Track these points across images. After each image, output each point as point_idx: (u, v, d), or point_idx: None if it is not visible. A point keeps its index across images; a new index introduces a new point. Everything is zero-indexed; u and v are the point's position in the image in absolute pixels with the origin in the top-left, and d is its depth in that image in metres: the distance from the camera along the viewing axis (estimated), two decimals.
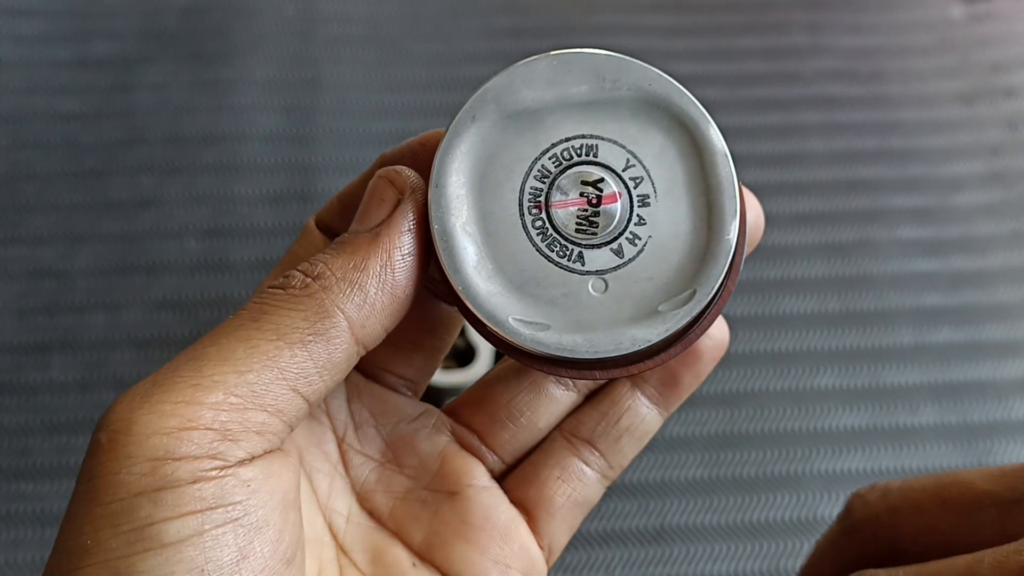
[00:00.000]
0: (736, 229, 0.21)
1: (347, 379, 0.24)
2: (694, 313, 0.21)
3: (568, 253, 0.21)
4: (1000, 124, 0.57)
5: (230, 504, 0.18)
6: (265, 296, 0.19)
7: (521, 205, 0.21)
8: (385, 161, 0.24)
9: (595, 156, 0.21)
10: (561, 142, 0.21)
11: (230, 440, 0.18)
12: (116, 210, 0.52)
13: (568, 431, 0.24)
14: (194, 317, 0.49)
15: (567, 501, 0.24)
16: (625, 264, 0.21)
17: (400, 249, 0.20)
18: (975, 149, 0.56)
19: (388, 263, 0.20)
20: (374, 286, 0.20)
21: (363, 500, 0.23)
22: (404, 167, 0.21)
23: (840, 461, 0.46)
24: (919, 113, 0.57)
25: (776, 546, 0.44)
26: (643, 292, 0.21)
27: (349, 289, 0.19)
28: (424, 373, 0.25)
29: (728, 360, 0.49)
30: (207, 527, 0.17)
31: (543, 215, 0.21)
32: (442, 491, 0.23)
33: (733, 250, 0.21)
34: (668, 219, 0.21)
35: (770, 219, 0.31)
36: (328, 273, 0.19)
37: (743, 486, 0.45)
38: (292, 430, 0.20)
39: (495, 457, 0.24)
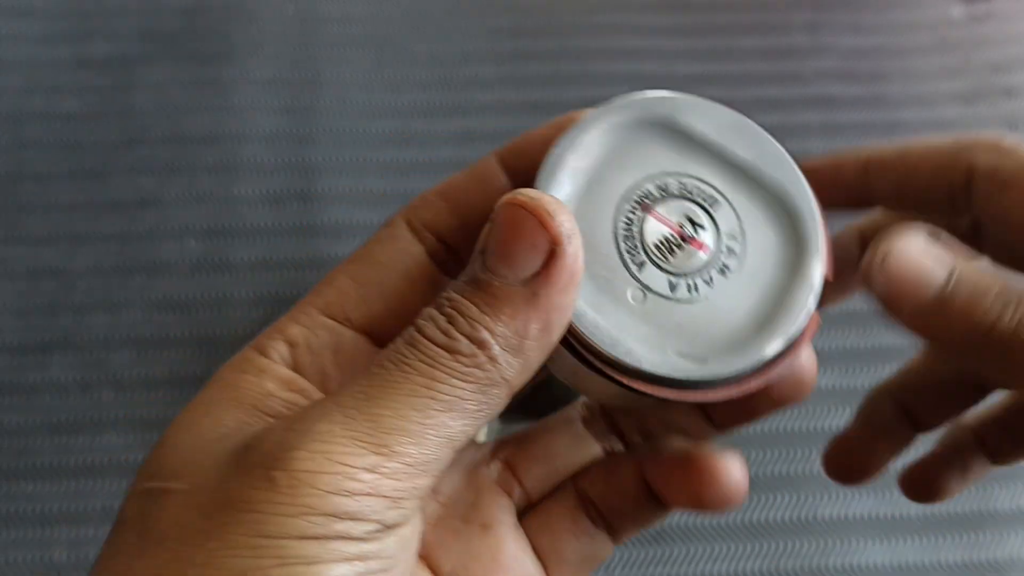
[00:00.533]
0: (784, 353, 0.21)
1: None
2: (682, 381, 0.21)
3: (634, 256, 0.21)
4: (1000, 124, 0.57)
5: (386, 557, 0.18)
6: (431, 355, 0.19)
7: (630, 193, 0.22)
8: (512, 155, 0.23)
9: (712, 208, 0.22)
10: (695, 178, 0.22)
11: (398, 507, 0.18)
12: (116, 210, 0.52)
13: (582, 488, 0.25)
14: (194, 317, 0.49)
15: (576, 556, 0.24)
16: (670, 300, 0.21)
17: (558, 310, 0.19)
18: None
19: (547, 326, 0.19)
20: (534, 352, 0.19)
21: None
22: (552, 199, 0.19)
23: None
24: (919, 113, 0.57)
25: (776, 546, 0.44)
26: (668, 330, 0.21)
27: (514, 359, 0.19)
28: None
29: None
30: (365, 573, 0.18)
31: (638, 214, 0.22)
32: (475, 523, 0.24)
33: (761, 366, 0.21)
34: (733, 296, 0.22)
35: None
36: (492, 343, 0.19)
37: None
38: None
39: (522, 492, 0.25)
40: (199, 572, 0.17)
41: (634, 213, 0.22)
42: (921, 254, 0.22)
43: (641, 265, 0.21)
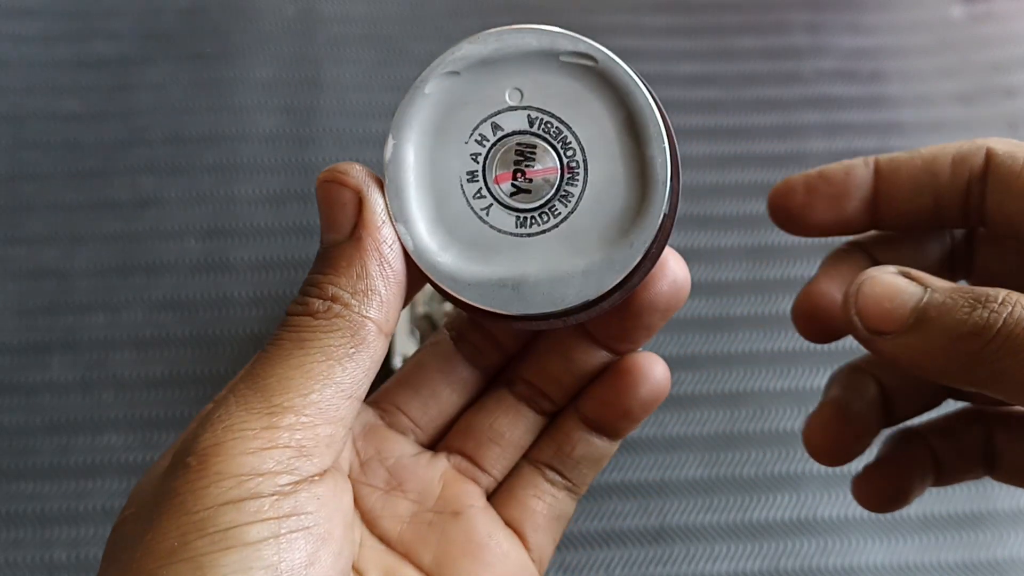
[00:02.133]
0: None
1: (359, 421, 0.26)
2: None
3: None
4: (1000, 124, 0.57)
5: (303, 514, 0.20)
6: (296, 324, 0.21)
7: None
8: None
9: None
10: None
11: (304, 456, 0.20)
12: (116, 210, 0.52)
13: (533, 458, 0.27)
14: (194, 317, 0.49)
15: (547, 515, 0.26)
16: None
17: (386, 243, 0.22)
18: None
19: (382, 260, 0.22)
20: (383, 285, 0.21)
21: (372, 526, 0.25)
22: (343, 164, 0.22)
23: None
24: (919, 113, 0.57)
25: (776, 546, 0.44)
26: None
27: (365, 298, 0.21)
28: (436, 423, 0.27)
29: (728, 360, 0.49)
30: (283, 531, 0.19)
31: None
32: (446, 512, 0.25)
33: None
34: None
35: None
36: (341, 292, 0.21)
37: (743, 486, 0.45)
38: (350, 433, 0.21)
39: (489, 478, 0.26)
40: (138, 566, 0.19)
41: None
42: (894, 277, 0.23)
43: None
